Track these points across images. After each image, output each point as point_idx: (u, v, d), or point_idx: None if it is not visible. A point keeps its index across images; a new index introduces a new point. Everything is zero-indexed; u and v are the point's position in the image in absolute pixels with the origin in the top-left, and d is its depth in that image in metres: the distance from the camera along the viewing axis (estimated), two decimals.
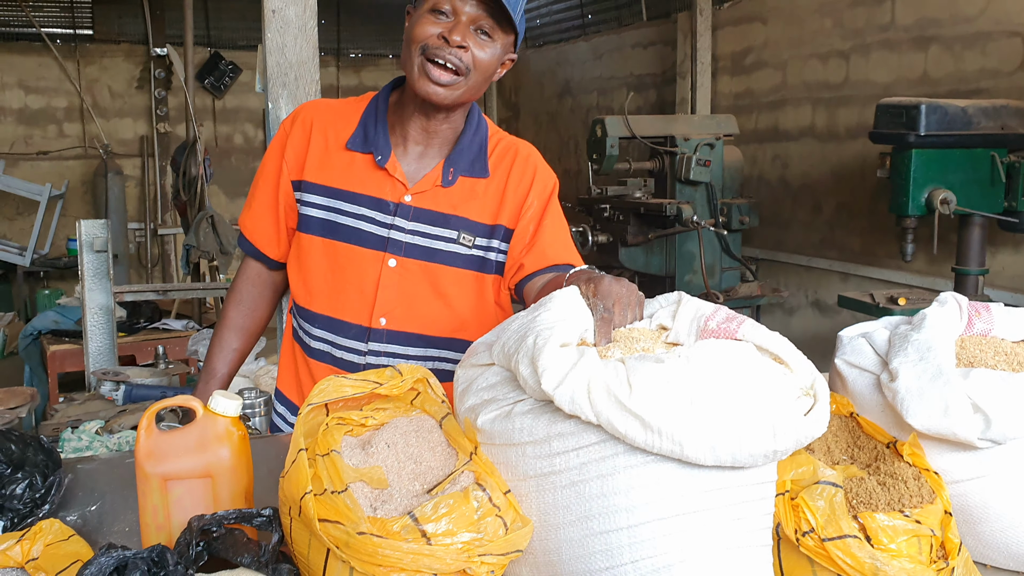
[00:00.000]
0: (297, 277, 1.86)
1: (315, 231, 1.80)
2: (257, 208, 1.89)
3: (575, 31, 8.79)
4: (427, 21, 1.64)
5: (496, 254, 1.81)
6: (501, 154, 1.83)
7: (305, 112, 1.85)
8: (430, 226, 1.76)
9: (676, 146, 5.20)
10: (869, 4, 5.12)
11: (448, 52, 1.62)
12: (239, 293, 1.96)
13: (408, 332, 1.80)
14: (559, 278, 1.69)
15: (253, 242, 1.91)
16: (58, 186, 8.27)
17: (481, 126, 1.83)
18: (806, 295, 5.81)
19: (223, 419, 1.25)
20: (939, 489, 1.21)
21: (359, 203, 1.77)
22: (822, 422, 1.10)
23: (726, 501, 1.08)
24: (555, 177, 1.88)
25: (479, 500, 1.08)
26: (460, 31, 1.62)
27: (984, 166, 3.75)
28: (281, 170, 1.82)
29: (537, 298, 1.70)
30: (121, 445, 2.67)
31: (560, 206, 1.88)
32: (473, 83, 1.68)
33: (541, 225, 1.81)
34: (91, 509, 1.38)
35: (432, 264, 1.77)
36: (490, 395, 1.19)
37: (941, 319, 1.37)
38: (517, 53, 1.77)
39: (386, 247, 1.76)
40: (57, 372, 4.60)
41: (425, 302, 1.79)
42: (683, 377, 1.04)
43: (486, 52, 1.66)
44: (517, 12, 1.65)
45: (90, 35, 8.89)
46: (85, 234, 3.49)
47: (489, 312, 1.84)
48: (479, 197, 1.79)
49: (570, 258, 1.80)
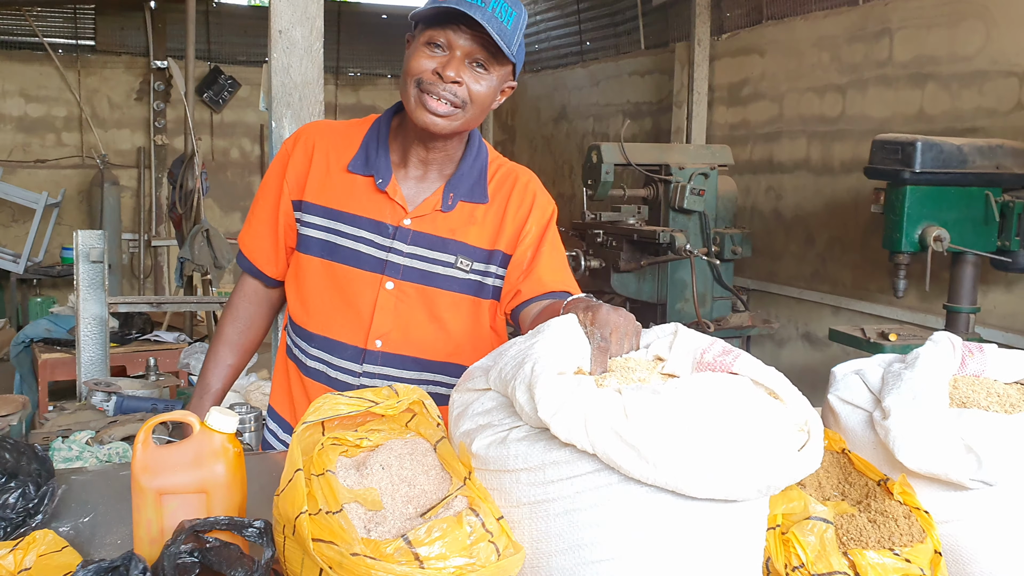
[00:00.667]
0: (295, 296, 1.87)
1: (314, 252, 1.81)
2: (256, 226, 1.90)
3: (573, 57, 8.86)
4: (422, 54, 1.64)
5: (493, 279, 1.82)
6: (501, 180, 1.84)
7: (308, 133, 1.86)
8: (428, 250, 1.77)
9: (671, 174, 5.24)
10: (867, 40, 5.18)
11: (442, 88, 1.63)
12: (236, 310, 1.97)
13: (403, 355, 1.81)
14: (555, 305, 1.69)
15: (251, 260, 1.92)
16: (54, 194, 8.27)
17: (481, 152, 1.85)
18: (797, 327, 5.84)
19: (219, 435, 1.25)
20: (929, 528, 1.22)
21: (359, 225, 1.78)
22: (816, 458, 1.11)
23: (718, 534, 1.09)
24: (553, 204, 1.90)
25: (472, 525, 1.08)
26: (454, 66, 1.62)
27: (978, 205, 3.79)
28: (282, 190, 1.84)
29: (533, 324, 1.71)
30: (111, 456, 2.66)
31: (558, 233, 1.89)
32: (471, 115, 1.69)
33: (539, 252, 1.82)
34: (84, 520, 1.37)
35: (429, 288, 1.78)
36: (486, 420, 1.20)
37: (935, 358, 1.38)
38: (516, 79, 1.78)
39: (384, 269, 1.77)
40: (48, 381, 4.58)
41: (421, 325, 1.80)
42: (679, 409, 1.05)
43: (482, 85, 1.66)
44: (514, 43, 1.65)
45: (92, 45, 8.93)
46: (82, 244, 3.49)
47: (484, 337, 1.85)
48: (478, 222, 1.80)
49: (567, 285, 1.81)
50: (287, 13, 2.19)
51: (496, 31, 1.59)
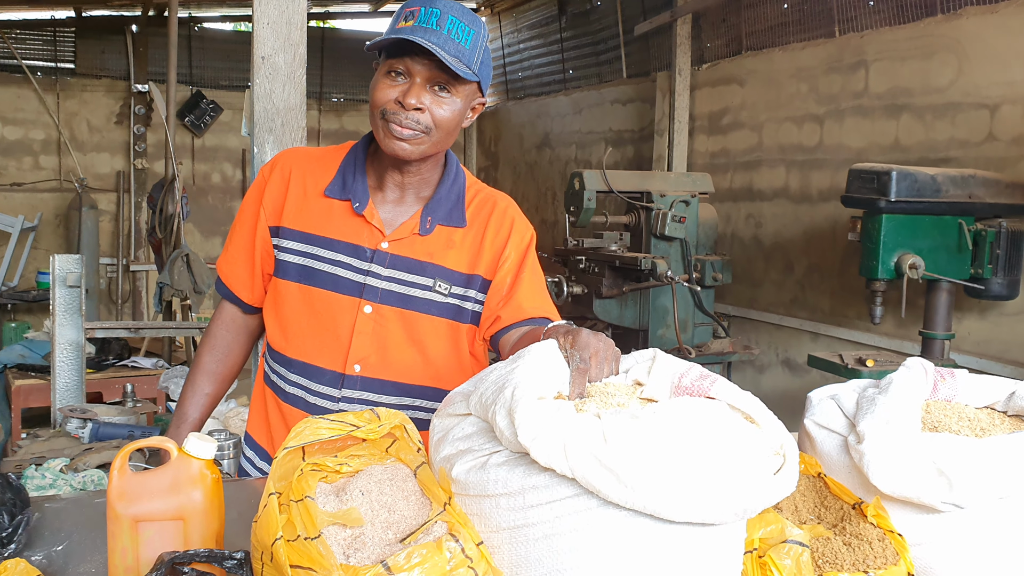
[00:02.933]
0: (274, 322, 1.87)
1: (292, 277, 1.81)
2: (234, 252, 1.90)
3: (556, 85, 8.93)
4: (384, 84, 1.65)
5: (472, 304, 1.82)
6: (479, 205, 1.85)
7: (284, 159, 1.87)
8: (406, 273, 1.78)
9: (652, 202, 5.28)
10: (844, 71, 5.27)
11: (405, 116, 1.64)
12: (213, 338, 1.96)
13: (383, 379, 1.81)
14: (535, 331, 1.70)
15: (229, 286, 1.92)
16: (31, 218, 8.22)
17: (459, 176, 1.85)
18: (776, 353, 5.87)
19: (197, 461, 1.25)
20: (903, 551, 1.24)
21: (336, 249, 1.78)
22: (791, 482, 1.12)
23: (696, 557, 1.10)
24: (532, 229, 1.91)
25: (452, 551, 1.08)
26: (415, 93, 1.63)
27: (952, 233, 3.84)
28: (259, 216, 1.84)
29: (513, 351, 1.72)
30: (86, 484, 2.63)
31: (537, 258, 1.90)
32: (437, 139, 1.70)
33: (519, 278, 1.82)
34: (57, 549, 1.36)
35: (407, 311, 1.78)
36: (466, 445, 1.20)
37: (907, 384, 1.40)
38: (487, 97, 1.78)
39: (362, 293, 1.77)
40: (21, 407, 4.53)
41: (400, 349, 1.80)
42: (658, 434, 1.06)
43: (444, 109, 1.67)
44: (474, 61, 1.65)
45: (71, 68, 8.91)
46: (59, 269, 3.46)
47: (464, 362, 1.85)
48: (456, 246, 1.80)
49: (547, 311, 1.82)
50: (270, 39, 2.21)
51: (453, 53, 1.60)
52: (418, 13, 1.61)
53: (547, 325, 1.77)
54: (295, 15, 2.18)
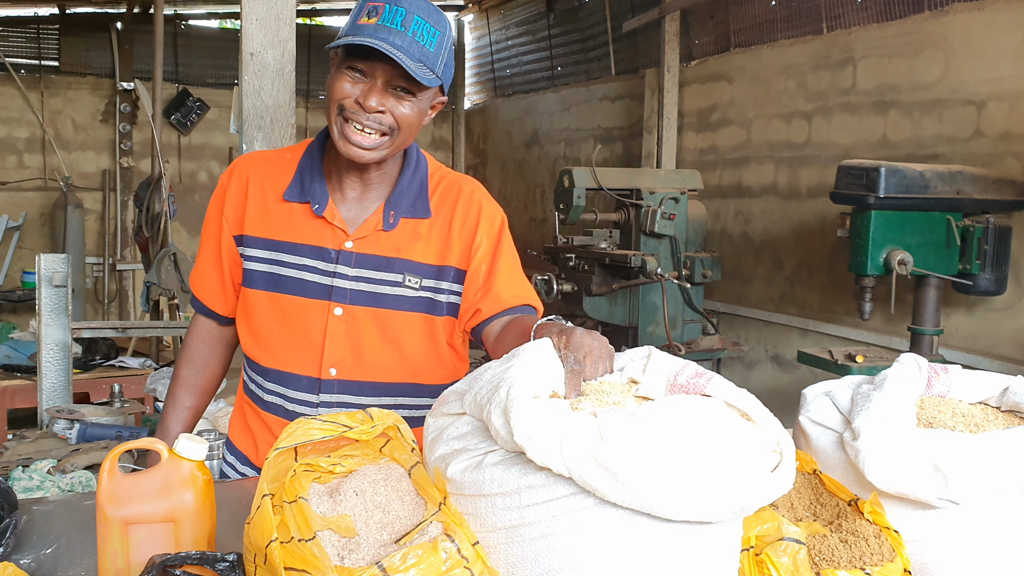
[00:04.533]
0: (246, 332, 1.84)
1: (259, 285, 1.78)
2: (203, 266, 1.88)
3: (544, 82, 8.92)
4: (344, 78, 1.61)
5: (446, 295, 1.79)
6: (444, 193, 1.81)
7: (241, 166, 1.84)
8: (374, 271, 1.74)
9: (642, 199, 5.28)
10: (832, 68, 5.28)
11: (366, 117, 1.60)
12: (189, 351, 1.94)
13: (360, 381, 1.78)
14: (518, 321, 1.69)
15: (202, 300, 1.90)
16: (15, 217, 8.15)
17: (420, 165, 1.81)
18: (766, 349, 5.89)
19: (188, 462, 1.23)
20: (899, 547, 1.23)
21: (300, 253, 1.75)
22: (788, 479, 1.11)
23: (693, 556, 1.09)
24: (502, 212, 1.86)
25: (447, 551, 1.07)
26: (376, 95, 1.59)
27: (940, 229, 3.86)
28: (222, 226, 1.82)
29: (497, 342, 1.71)
30: (74, 485, 2.61)
31: (511, 240, 1.85)
32: (399, 140, 1.66)
33: (494, 267, 1.78)
34: (46, 552, 1.34)
35: (379, 309, 1.75)
36: (460, 445, 1.19)
37: (902, 380, 1.40)
38: (447, 95, 1.73)
39: (330, 296, 1.74)
40: (7, 408, 4.49)
41: (374, 349, 1.77)
42: (654, 432, 1.05)
43: (406, 108, 1.62)
44: (439, 64, 1.61)
45: (55, 66, 8.84)
46: (44, 268, 3.43)
47: (442, 354, 1.83)
48: (423, 238, 1.77)
49: (526, 298, 1.79)
50: (259, 36, 2.18)
51: (417, 57, 1.56)
52: (382, 10, 1.56)
53: (529, 314, 1.77)
54: (284, 11, 2.16)
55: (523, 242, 8.74)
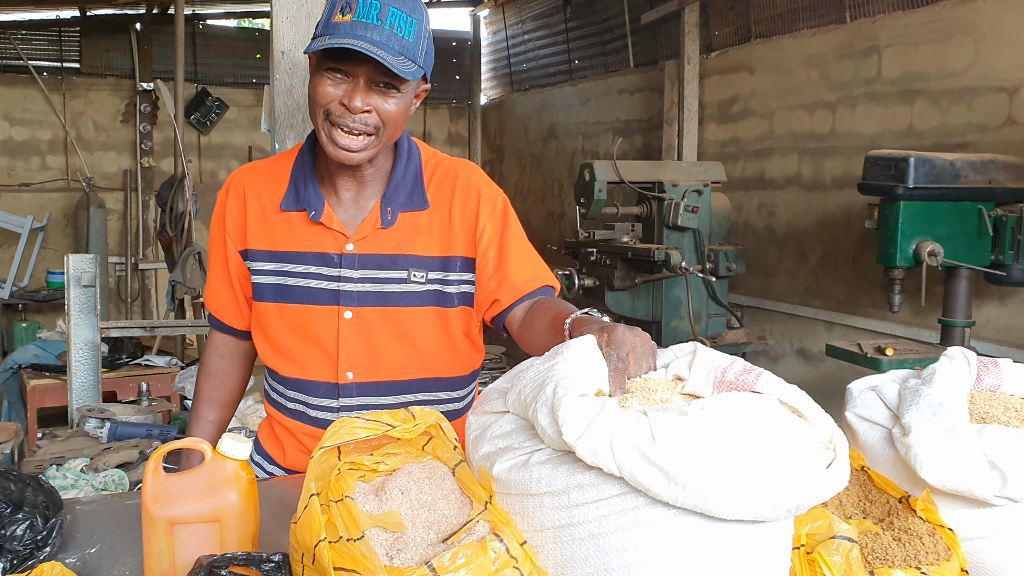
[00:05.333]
0: (263, 344, 1.85)
1: (268, 298, 1.78)
2: (214, 283, 1.88)
3: (561, 76, 8.89)
4: (326, 81, 1.58)
5: (456, 286, 1.76)
6: (440, 180, 1.77)
7: (236, 181, 1.83)
8: (378, 270, 1.73)
9: (664, 192, 5.25)
10: (856, 57, 5.22)
11: (352, 120, 1.58)
12: (207, 366, 1.95)
13: (378, 381, 1.77)
14: (543, 307, 1.66)
15: (218, 316, 1.91)
16: (39, 218, 8.21)
17: (413, 156, 1.78)
18: (791, 343, 5.84)
19: (232, 462, 1.23)
20: (954, 546, 1.21)
21: (304, 262, 1.75)
22: (843, 476, 1.09)
23: (745, 555, 1.07)
24: (502, 194, 1.82)
25: (496, 551, 1.06)
26: (360, 95, 1.56)
27: (971, 219, 3.80)
28: (226, 243, 1.82)
29: (524, 329, 1.69)
30: (107, 484, 2.62)
31: (517, 221, 1.81)
32: (386, 137, 1.64)
33: (505, 252, 1.75)
34: (91, 551, 1.34)
35: (388, 308, 1.74)
36: (505, 443, 1.18)
37: (951, 374, 1.37)
38: (431, 83, 1.70)
39: (338, 300, 1.73)
40: (36, 407, 4.52)
41: (388, 349, 1.76)
42: (707, 430, 1.04)
43: (391, 104, 1.60)
44: (419, 55, 1.58)
45: (77, 68, 8.89)
46: (73, 268, 3.45)
47: (457, 346, 1.81)
48: (424, 231, 1.74)
49: (542, 279, 1.77)
50: (289, 34, 2.17)
51: (397, 51, 1.53)
52: (356, 5, 1.53)
53: (548, 295, 1.75)
54: (314, 8, 2.15)
55: (541, 237, 8.71)
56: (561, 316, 1.49)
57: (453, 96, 10.51)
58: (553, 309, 1.60)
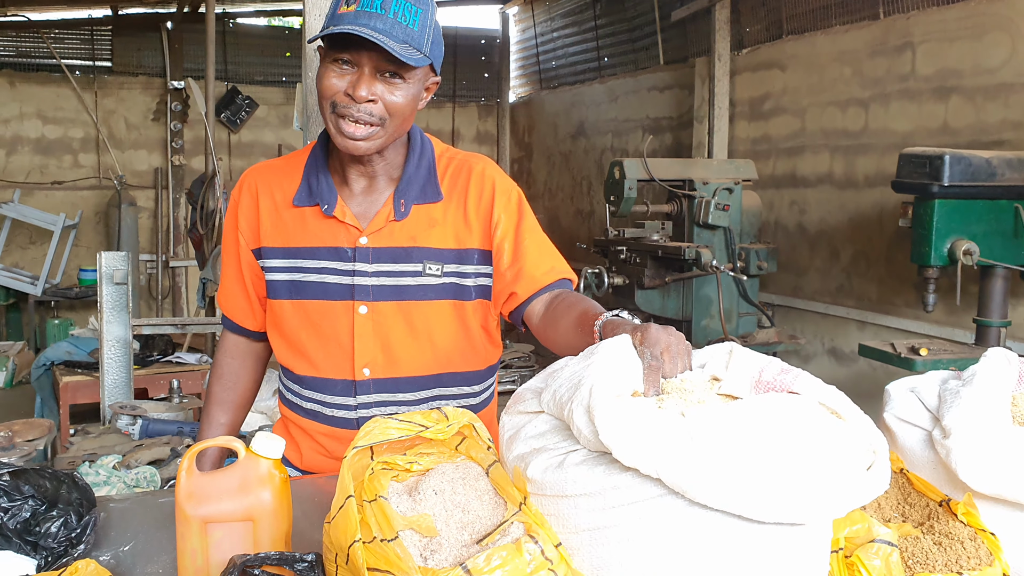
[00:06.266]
0: (279, 343, 1.83)
1: (282, 295, 1.77)
2: (227, 284, 1.88)
3: (591, 73, 8.86)
4: (331, 72, 1.57)
5: (473, 279, 1.75)
6: (455, 174, 1.76)
7: (249, 179, 1.82)
8: (392, 264, 1.71)
9: (695, 190, 5.21)
10: (889, 54, 5.15)
11: (356, 109, 1.57)
12: (219, 367, 1.94)
13: (395, 378, 1.75)
14: (566, 303, 1.63)
15: (231, 317, 1.90)
16: (72, 216, 8.31)
17: (426, 149, 1.77)
18: (823, 343, 5.78)
19: (265, 461, 1.23)
20: (996, 551, 1.18)
21: (318, 257, 1.73)
22: (884, 479, 1.07)
23: (784, 558, 1.06)
24: (516, 187, 1.81)
25: (531, 553, 1.05)
26: (365, 84, 1.55)
27: (1008, 217, 3.74)
28: (239, 242, 1.81)
29: (546, 323, 1.66)
30: (139, 481, 2.64)
31: (532, 213, 1.80)
32: (393, 128, 1.62)
33: (520, 245, 1.73)
34: (124, 549, 1.35)
35: (404, 302, 1.72)
36: (540, 444, 1.17)
37: (993, 375, 1.35)
38: (440, 76, 1.69)
39: (353, 295, 1.71)
40: (69, 404, 4.57)
41: (404, 344, 1.74)
42: (745, 431, 1.02)
43: (398, 96, 1.59)
44: (425, 43, 1.57)
45: (108, 67, 8.99)
46: (106, 266, 3.48)
47: (474, 340, 1.80)
48: (438, 223, 1.73)
49: (560, 271, 1.75)
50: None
51: (401, 39, 1.53)
52: None
53: (566, 288, 1.73)
54: None
55: (570, 235, 8.70)
56: (588, 315, 1.47)
57: (482, 94, 10.51)
58: (577, 307, 1.58)
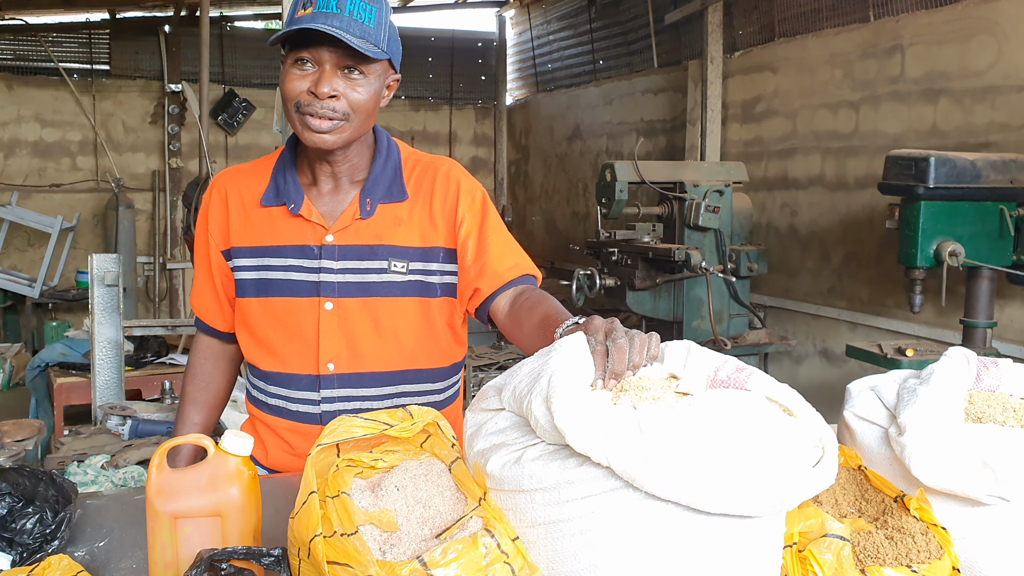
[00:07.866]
0: (246, 340, 1.87)
1: (250, 293, 1.81)
2: (199, 285, 1.92)
3: (586, 76, 8.89)
4: (294, 76, 1.63)
5: (439, 276, 1.79)
6: (421, 174, 1.81)
7: (219, 183, 1.87)
8: (358, 261, 1.75)
9: (685, 192, 5.23)
10: (879, 56, 5.18)
11: (320, 106, 1.62)
12: (193, 368, 1.98)
13: (359, 373, 1.79)
14: (530, 300, 1.66)
15: (203, 319, 1.94)
16: (69, 219, 8.35)
17: (392, 151, 1.82)
18: (814, 344, 5.81)
19: (234, 458, 1.25)
20: (947, 545, 1.21)
21: (284, 255, 1.78)
22: (830, 474, 1.10)
23: (734, 550, 1.08)
24: (481, 187, 1.86)
25: (487, 546, 1.07)
26: (326, 81, 1.60)
27: (993, 219, 3.77)
28: (209, 244, 1.85)
29: (511, 319, 1.70)
30: (127, 480, 2.67)
31: (496, 213, 1.85)
32: (357, 123, 1.67)
33: (484, 242, 1.78)
34: (99, 545, 1.38)
35: (369, 299, 1.76)
36: (500, 440, 1.20)
37: (950, 374, 1.37)
38: (400, 73, 1.74)
39: (319, 291, 1.76)
40: (63, 405, 4.59)
41: (369, 339, 1.78)
42: (694, 425, 1.05)
43: (360, 92, 1.64)
44: (382, 39, 1.63)
45: (106, 70, 9.03)
46: (96, 268, 3.51)
47: (439, 337, 1.84)
48: (404, 222, 1.77)
49: (523, 267, 1.79)
50: None
51: (359, 35, 1.58)
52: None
53: (530, 284, 1.76)
54: None
55: (566, 237, 8.73)
56: (550, 319, 1.51)
57: (479, 96, 10.55)
58: (540, 307, 1.61)
